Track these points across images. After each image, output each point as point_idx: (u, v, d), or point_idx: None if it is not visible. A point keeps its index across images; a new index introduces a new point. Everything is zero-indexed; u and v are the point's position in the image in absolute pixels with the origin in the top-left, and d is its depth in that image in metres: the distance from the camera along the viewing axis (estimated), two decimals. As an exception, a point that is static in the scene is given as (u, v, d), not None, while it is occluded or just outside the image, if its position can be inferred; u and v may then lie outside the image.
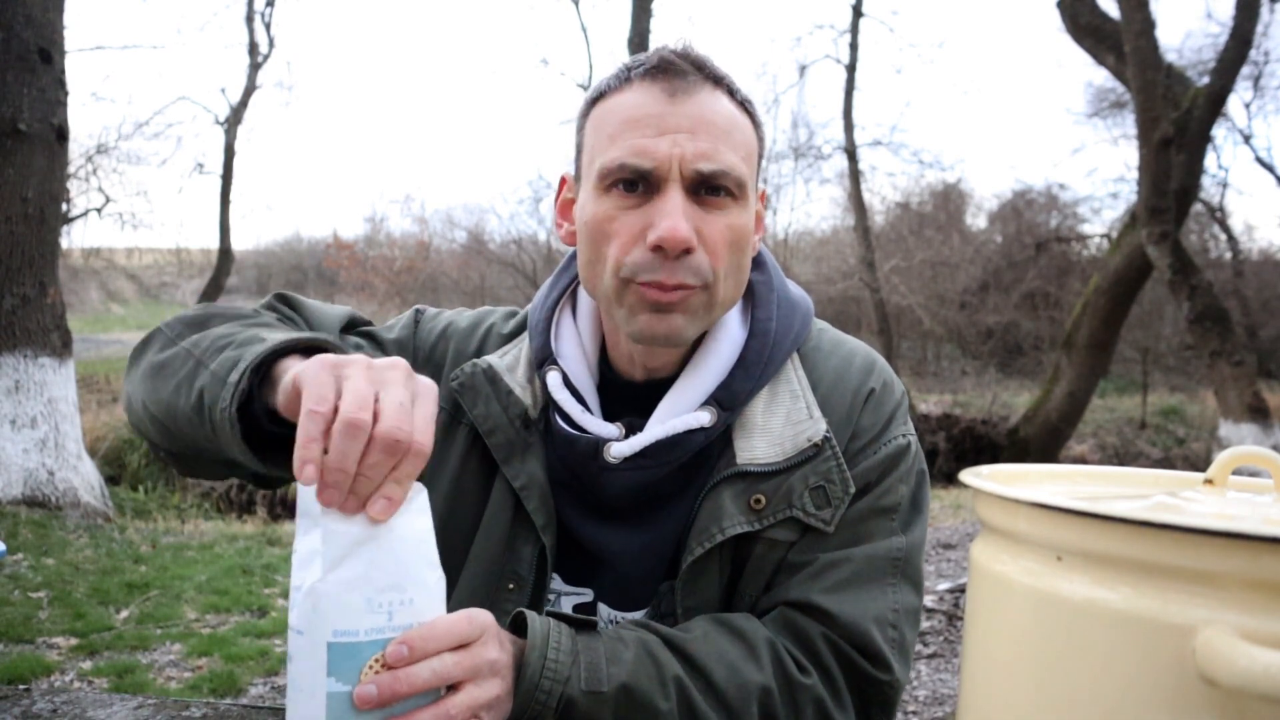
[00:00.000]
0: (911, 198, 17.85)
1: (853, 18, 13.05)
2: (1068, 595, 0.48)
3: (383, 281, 16.18)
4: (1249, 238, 19.59)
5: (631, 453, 0.94)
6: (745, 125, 0.94)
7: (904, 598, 0.94)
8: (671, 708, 0.84)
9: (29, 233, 5.97)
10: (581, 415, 0.97)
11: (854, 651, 0.90)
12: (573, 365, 1.00)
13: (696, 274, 0.90)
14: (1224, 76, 9.05)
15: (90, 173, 15.49)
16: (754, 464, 0.94)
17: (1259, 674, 0.40)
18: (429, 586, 0.75)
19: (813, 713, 0.88)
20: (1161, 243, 8.37)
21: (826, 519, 0.94)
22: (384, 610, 0.72)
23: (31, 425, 5.92)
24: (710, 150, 0.89)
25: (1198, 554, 0.44)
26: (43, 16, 6.03)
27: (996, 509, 0.55)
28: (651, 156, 0.89)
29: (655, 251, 0.89)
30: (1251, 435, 8.37)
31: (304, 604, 0.71)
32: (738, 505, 0.93)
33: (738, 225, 0.92)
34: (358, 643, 0.71)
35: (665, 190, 0.89)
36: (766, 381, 0.98)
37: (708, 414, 0.95)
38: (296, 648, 0.72)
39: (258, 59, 16.79)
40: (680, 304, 0.90)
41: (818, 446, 0.95)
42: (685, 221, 0.88)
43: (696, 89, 0.91)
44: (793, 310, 1.03)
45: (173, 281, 24.63)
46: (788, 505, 0.93)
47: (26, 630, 3.80)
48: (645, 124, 0.90)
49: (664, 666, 0.86)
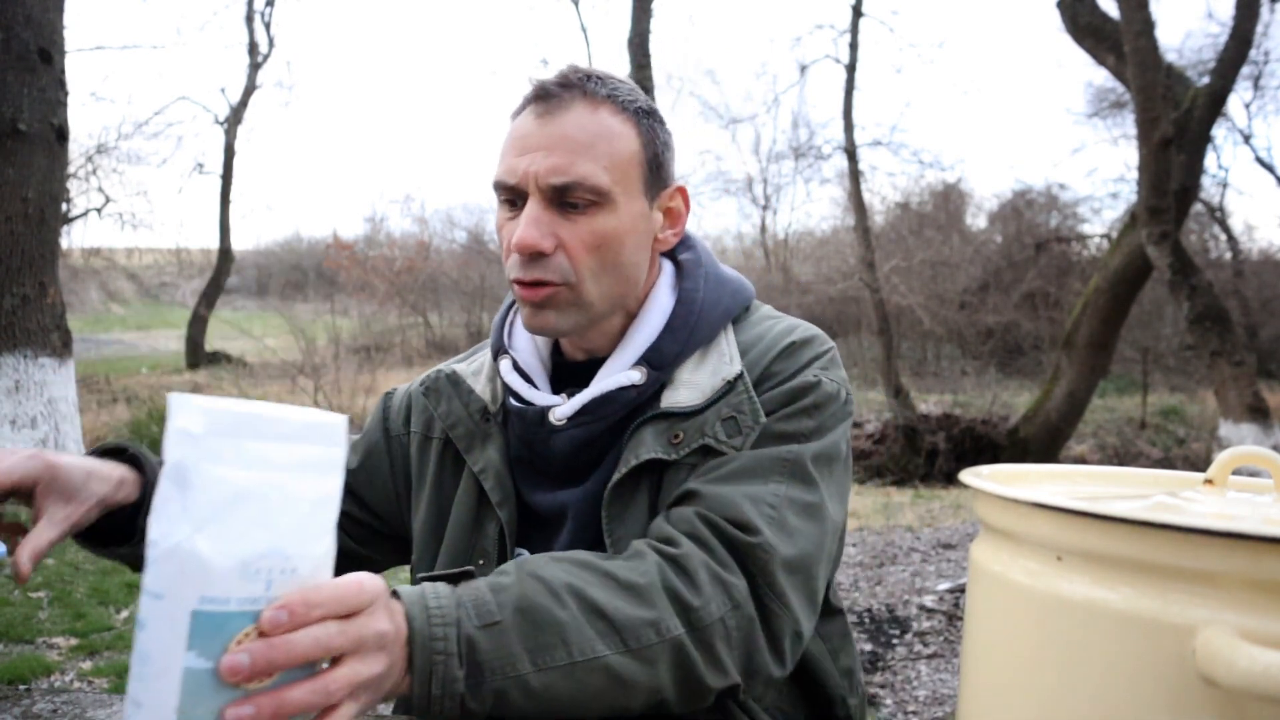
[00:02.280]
0: (911, 198, 17.86)
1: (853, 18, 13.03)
2: (1068, 595, 0.48)
3: (383, 281, 16.16)
4: (1249, 238, 19.60)
5: (573, 412, 1.04)
6: (622, 134, 1.04)
7: (790, 491, 0.96)
8: (573, 613, 0.83)
9: (29, 233, 5.97)
10: (529, 391, 1.09)
11: (721, 520, 0.92)
12: (524, 355, 1.13)
13: (556, 273, 1.01)
14: (1224, 76, 9.05)
15: (90, 173, 15.50)
16: (676, 406, 1.03)
17: (1259, 674, 0.40)
18: (316, 557, 0.67)
19: (706, 575, 0.89)
20: (1161, 243, 8.37)
21: (737, 445, 1.00)
22: (262, 578, 0.63)
23: (31, 425, 5.92)
24: (563, 164, 1.00)
25: (1198, 554, 0.44)
26: (43, 16, 6.03)
27: (996, 509, 0.55)
28: (514, 173, 1.01)
29: (520, 255, 1.01)
30: (1251, 435, 8.37)
31: (165, 564, 0.62)
32: (658, 441, 1.01)
33: (601, 229, 1.02)
34: (227, 612, 0.62)
35: (528, 202, 1.02)
36: (697, 346, 1.07)
37: (638, 373, 1.05)
38: (151, 614, 0.62)
39: (258, 59, 16.80)
40: (547, 301, 1.02)
41: (730, 384, 1.03)
42: (535, 229, 1.00)
43: (565, 108, 1.02)
44: (721, 285, 1.12)
45: (173, 281, 24.63)
46: (701, 435, 1.01)
47: (26, 630, 3.80)
48: (515, 145, 1.03)
49: (550, 580, 0.84)
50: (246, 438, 0.64)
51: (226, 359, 15.09)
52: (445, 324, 17.59)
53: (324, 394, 9.36)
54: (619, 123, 1.04)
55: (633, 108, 1.05)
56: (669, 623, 0.85)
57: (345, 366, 10.79)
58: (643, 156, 1.06)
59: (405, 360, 14.55)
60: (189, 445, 0.63)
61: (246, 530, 0.63)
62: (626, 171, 1.04)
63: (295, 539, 0.65)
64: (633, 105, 1.06)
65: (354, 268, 16.44)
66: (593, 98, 1.03)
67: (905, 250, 15.34)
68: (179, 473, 0.63)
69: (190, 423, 0.63)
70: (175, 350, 17.09)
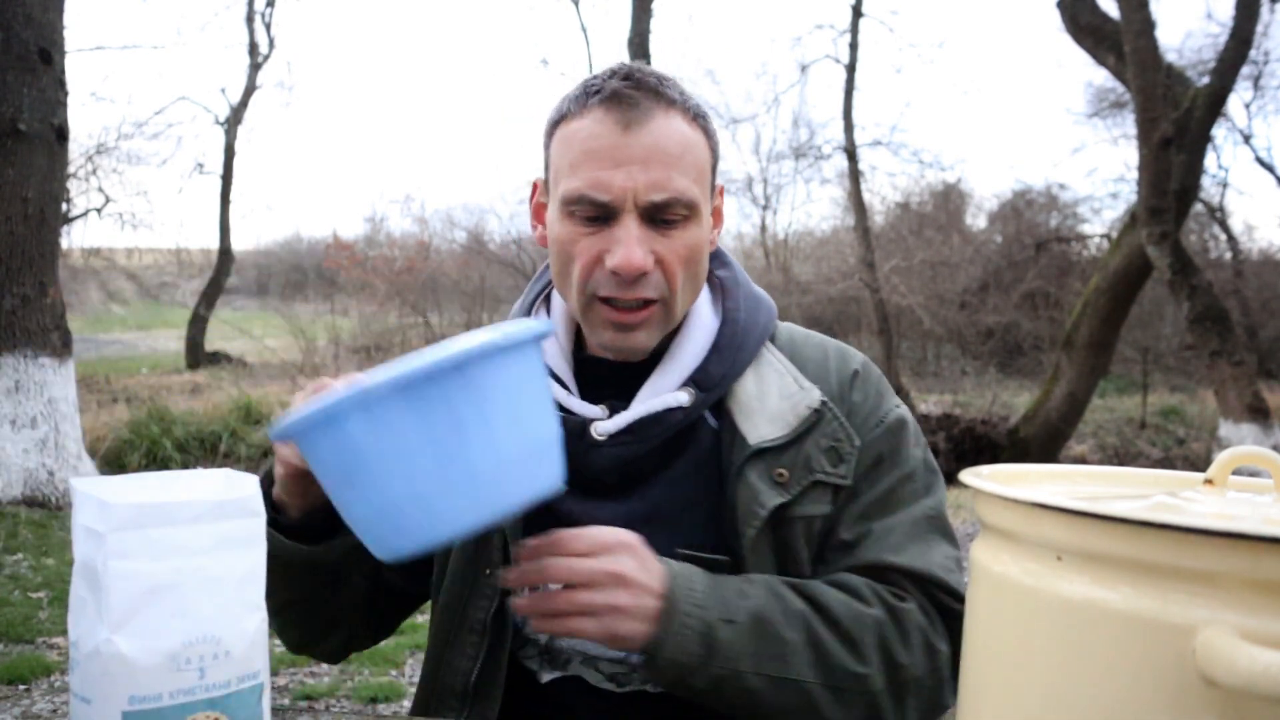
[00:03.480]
0: (911, 198, 17.84)
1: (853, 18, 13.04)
2: (1068, 595, 0.48)
3: (383, 282, 16.14)
4: (1249, 238, 19.56)
5: (616, 429, 1.03)
6: (698, 143, 1.02)
7: (950, 550, 1.04)
8: (798, 639, 0.93)
9: (29, 233, 5.97)
10: (567, 398, 1.06)
11: (933, 587, 1.00)
12: (552, 356, 1.09)
13: (655, 290, 0.99)
14: (1224, 76, 9.05)
15: (90, 173, 15.49)
16: (766, 441, 1.02)
17: (1259, 674, 0.40)
18: (249, 634, 0.65)
19: (919, 639, 0.97)
20: (1161, 243, 8.36)
21: (843, 474, 1.03)
22: (193, 667, 0.61)
23: (31, 425, 5.91)
24: (661, 179, 0.97)
25: (1198, 554, 0.44)
26: (43, 16, 6.03)
27: (996, 509, 0.55)
28: (607, 190, 0.97)
29: (614, 275, 0.98)
30: (1251, 435, 8.36)
31: (89, 667, 0.60)
32: (764, 482, 1.01)
33: (692, 242, 1.01)
34: (160, 709, 0.60)
35: (621, 219, 0.98)
36: (743, 366, 1.06)
37: (686, 394, 1.03)
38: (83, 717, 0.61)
39: (258, 59, 16.80)
40: (641, 323, 1.01)
41: (818, 412, 1.04)
42: (639, 248, 0.97)
43: (648, 117, 0.98)
44: (758, 305, 1.12)
45: (173, 281, 24.62)
46: (809, 471, 1.02)
47: (26, 630, 3.80)
48: (601, 156, 0.97)
49: (788, 601, 0.95)
50: (154, 527, 0.61)
51: (226, 359, 15.08)
52: (445, 324, 17.58)
53: (324, 394, 9.33)
54: (691, 130, 1.01)
55: (695, 112, 1.03)
56: (875, 679, 0.94)
57: (345, 366, 10.79)
58: (711, 163, 1.05)
59: (405, 360, 14.51)
60: (94, 544, 0.60)
61: (167, 623, 0.60)
62: (703, 180, 1.02)
63: (224, 621, 0.63)
64: (696, 110, 1.03)
65: (354, 268, 16.43)
66: (667, 104, 1.00)
67: (905, 250, 15.33)
68: (88, 573, 0.61)
69: (92, 520, 0.60)
70: (175, 350, 17.09)
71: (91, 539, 0.61)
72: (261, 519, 0.67)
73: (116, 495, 0.61)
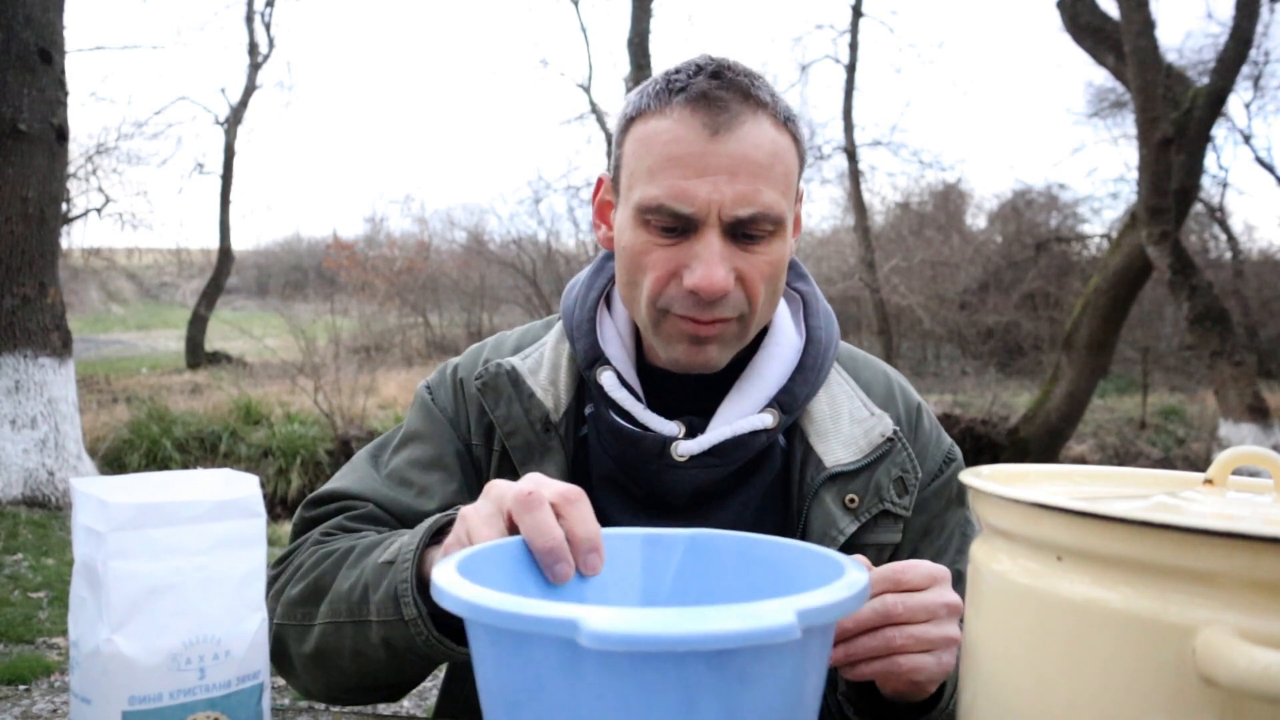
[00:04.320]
0: (911, 198, 17.85)
1: (852, 18, 13.06)
2: (1068, 595, 0.48)
3: (383, 282, 16.15)
4: (1249, 238, 19.59)
5: (699, 451, 0.97)
6: (786, 149, 0.93)
7: None
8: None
9: (29, 233, 5.97)
10: (644, 413, 0.98)
11: None
12: (623, 365, 1.02)
13: (733, 309, 0.93)
14: (1224, 76, 9.04)
15: (90, 173, 15.49)
16: (841, 465, 0.99)
17: (1259, 674, 0.40)
18: (250, 634, 0.64)
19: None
20: (1161, 243, 8.36)
21: (906, 505, 1.00)
22: (193, 667, 0.61)
23: (31, 425, 5.91)
24: (749, 193, 0.89)
25: (1198, 554, 0.44)
26: (43, 16, 6.03)
27: (996, 509, 0.55)
28: (690, 201, 0.88)
29: (691, 293, 0.91)
30: (1251, 435, 8.36)
31: (88, 667, 0.60)
32: (838, 507, 0.98)
33: (776, 259, 0.94)
34: (160, 709, 0.60)
35: (703, 233, 0.90)
36: (819, 387, 1.03)
37: (770, 416, 0.98)
38: (82, 718, 0.61)
39: (258, 59, 16.80)
40: (717, 337, 0.94)
41: (891, 441, 1.01)
42: (722, 267, 0.89)
43: (738, 123, 0.89)
44: (831, 321, 1.08)
45: (173, 281, 24.62)
46: (879, 500, 0.99)
47: (26, 630, 3.80)
48: (685, 163, 0.89)
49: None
50: (154, 527, 0.61)
51: (226, 359, 15.08)
52: (445, 324, 17.58)
53: (324, 394, 9.35)
54: (780, 136, 0.92)
55: (786, 115, 0.94)
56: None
57: (345, 366, 10.78)
58: (798, 170, 0.97)
59: (405, 360, 14.54)
60: (94, 544, 0.60)
61: (168, 623, 0.60)
62: (790, 190, 0.94)
63: (224, 621, 0.63)
64: (786, 112, 0.94)
65: (354, 268, 16.43)
66: (757, 106, 0.91)
67: (905, 250, 15.34)
68: (88, 573, 0.61)
69: (92, 520, 0.61)
70: (175, 350, 17.09)
71: (91, 539, 0.61)
72: (262, 518, 0.66)
73: (116, 495, 0.62)
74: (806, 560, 0.69)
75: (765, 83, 0.94)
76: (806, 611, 0.51)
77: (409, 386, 10.77)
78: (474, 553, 0.65)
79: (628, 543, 0.73)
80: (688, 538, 0.73)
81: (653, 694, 0.50)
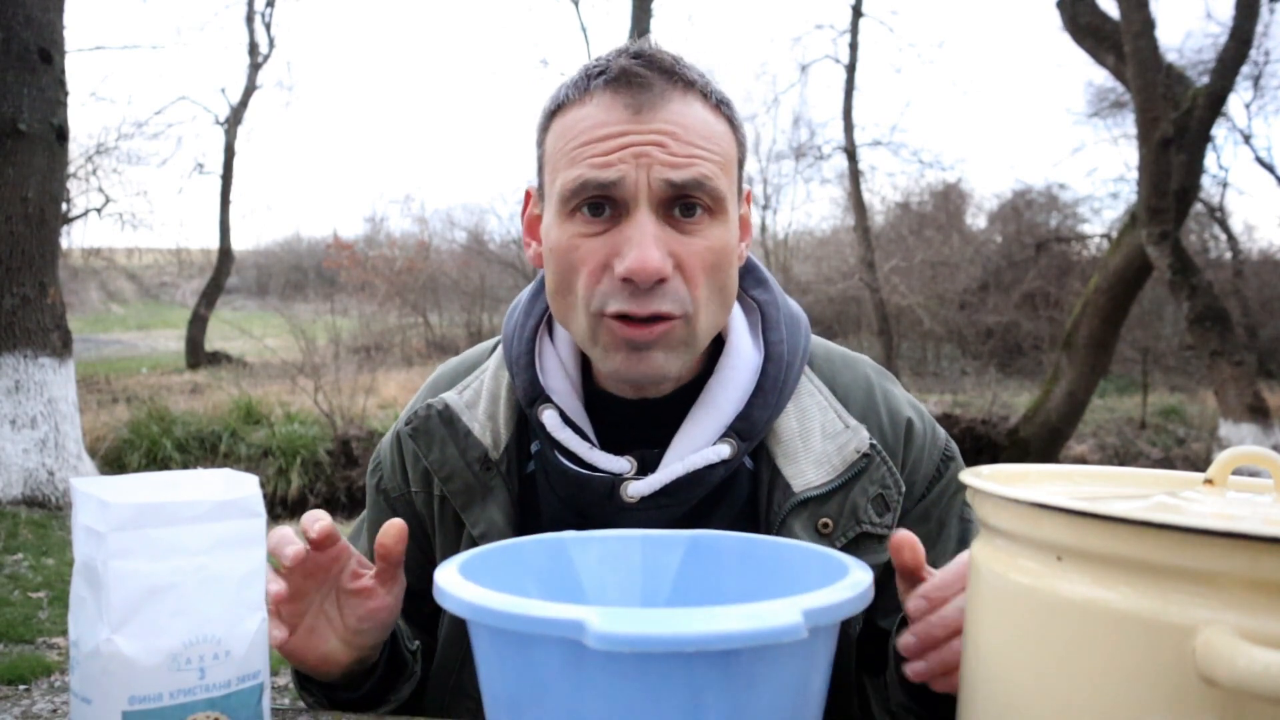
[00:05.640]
0: (911, 198, 17.85)
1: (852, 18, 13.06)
2: (1068, 595, 0.48)
3: (383, 281, 16.15)
4: (1249, 238, 19.54)
5: (650, 492, 0.88)
6: (722, 132, 0.87)
7: None
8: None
9: (29, 233, 5.97)
10: (589, 452, 0.90)
11: None
12: (566, 400, 0.93)
13: (675, 303, 0.83)
14: (1224, 76, 9.04)
15: (90, 173, 15.50)
16: (811, 488, 0.90)
17: (1259, 674, 0.40)
18: (250, 634, 0.64)
19: None
20: (1161, 243, 8.36)
21: (888, 524, 0.92)
22: (193, 667, 0.61)
23: (31, 425, 5.91)
24: (682, 160, 0.82)
25: (1198, 554, 0.44)
26: (43, 16, 6.03)
27: (996, 509, 0.55)
28: (615, 170, 0.81)
29: (625, 283, 0.82)
30: (1251, 435, 8.36)
31: (89, 666, 0.60)
32: (809, 534, 0.89)
33: (718, 245, 0.85)
34: (160, 709, 0.60)
35: (633, 213, 0.82)
36: (784, 405, 0.93)
37: (728, 447, 0.89)
38: (82, 718, 0.61)
39: (258, 59, 16.79)
40: (659, 340, 0.84)
41: (868, 457, 0.92)
42: (656, 248, 0.81)
43: (664, 99, 0.83)
44: (798, 327, 0.99)
45: (173, 281, 24.61)
46: (855, 522, 0.90)
47: (26, 630, 3.80)
48: (608, 140, 0.82)
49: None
50: (154, 527, 0.61)
51: (226, 359, 15.08)
52: (445, 324, 17.58)
53: (324, 394, 9.35)
54: (714, 118, 0.86)
55: (719, 98, 0.88)
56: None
57: (345, 366, 10.78)
58: (737, 158, 0.90)
59: (405, 360, 14.54)
60: (94, 544, 0.61)
61: (168, 623, 0.60)
62: (729, 173, 0.87)
63: (224, 622, 0.63)
64: (720, 96, 0.88)
65: (354, 268, 16.43)
66: (685, 85, 0.85)
67: (905, 250, 15.34)
68: (89, 572, 0.61)
69: (92, 520, 0.61)
70: (175, 350, 17.08)
71: (92, 539, 0.61)
72: (262, 518, 0.67)
73: (116, 495, 0.62)
74: (809, 560, 0.69)
75: (693, 65, 0.88)
76: (813, 611, 0.52)
77: (409, 386, 10.77)
78: (476, 554, 0.65)
79: (627, 544, 0.73)
80: (688, 538, 0.73)
81: (658, 695, 0.50)
